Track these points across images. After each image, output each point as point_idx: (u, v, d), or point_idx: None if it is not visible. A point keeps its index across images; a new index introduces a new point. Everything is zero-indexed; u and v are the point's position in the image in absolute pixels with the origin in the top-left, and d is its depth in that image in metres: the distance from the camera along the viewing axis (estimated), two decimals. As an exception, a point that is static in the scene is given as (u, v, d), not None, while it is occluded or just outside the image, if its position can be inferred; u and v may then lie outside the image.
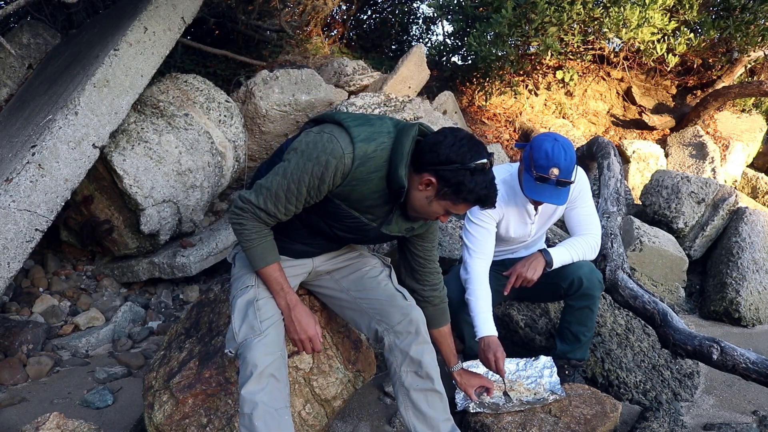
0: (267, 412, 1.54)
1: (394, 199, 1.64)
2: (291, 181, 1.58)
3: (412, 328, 1.77)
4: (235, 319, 1.65)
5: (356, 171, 1.56)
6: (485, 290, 2.17)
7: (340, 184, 1.58)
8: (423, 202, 1.60)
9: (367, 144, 1.56)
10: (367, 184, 1.60)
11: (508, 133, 6.30)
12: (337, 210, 1.66)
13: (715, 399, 2.57)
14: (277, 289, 1.69)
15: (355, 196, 1.62)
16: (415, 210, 1.64)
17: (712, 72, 6.90)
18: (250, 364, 1.57)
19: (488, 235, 2.23)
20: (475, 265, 2.20)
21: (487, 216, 2.21)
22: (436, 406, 1.77)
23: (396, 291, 1.84)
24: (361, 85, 4.97)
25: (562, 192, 2.06)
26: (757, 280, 3.63)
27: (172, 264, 3.25)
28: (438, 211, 1.61)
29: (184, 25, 3.44)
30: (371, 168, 1.57)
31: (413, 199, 1.62)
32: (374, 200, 1.64)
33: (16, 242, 2.51)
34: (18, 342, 2.76)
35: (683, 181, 4.20)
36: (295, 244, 1.82)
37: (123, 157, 3.19)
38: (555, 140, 2.03)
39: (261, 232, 1.67)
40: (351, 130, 1.56)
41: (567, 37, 5.64)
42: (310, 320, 1.70)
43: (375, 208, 1.67)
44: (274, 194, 1.61)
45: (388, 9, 7.76)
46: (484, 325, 2.13)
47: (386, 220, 1.71)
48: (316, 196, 1.61)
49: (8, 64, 3.90)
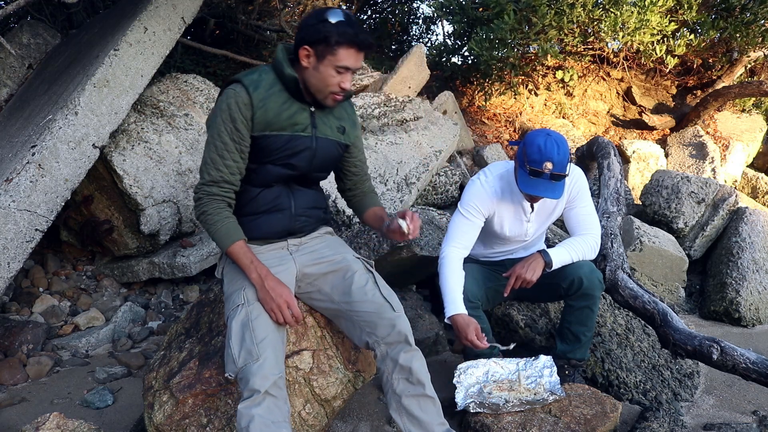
0: (264, 424, 1.55)
1: (301, 98, 1.82)
2: (214, 140, 1.78)
3: (401, 338, 1.80)
4: (234, 344, 1.68)
5: (254, 96, 1.76)
6: (457, 275, 2.18)
7: (252, 115, 1.76)
8: (314, 75, 1.77)
9: (251, 74, 1.80)
10: (272, 99, 1.78)
11: (508, 133, 6.30)
12: (269, 141, 1.81)
13: (715, 399, 2.57)
14: (247, 263, 1.78)
15: (271, 116, 1.79)
16: (315, 88, 1.79)
17: (712, 72, 6.90)
18: (250, 388, 1.60)
19: (471, 227, 2.24)
20: (450, 251, 2.22)
21: (476, 209, 2.23)
22: (429, 411, 1.78)
23: (384, 301, 1.84)
24: (361, 85, 4.96)
25: (556, 186, 2.07)
26: (757, 280, 3.63)
27: (172, 264, 3.25)
28: (331, 74, 1.75)
29: (184, 25, 3.44)
30: (266, 86, 1.78)
31: (308, 80, 1.78)
32: (289, 110, 1.81)
33: (16, 242, 2.51)
34: (18, 342, 2.76)
35: (683, 181, 4.20)
36: (268, 214, 1.90)
37: (123, 157, 3.20)
38: (547, 135, 2.06)
39: (221, 213, 1.80)
40: (237, 77, 1.81)
41: (567, 38, 5.64)
42: (284, 289, 1.75)
43: (295, 116, 1.82)
44: (209, 161, 1.79)
45: (388, 9, 7.76)
46: (454, 303, 2.13)
47: (314, 124, 1.86)
48: (241, 139, 1.78)
49: (8, 64, 3.90)
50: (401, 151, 3.88)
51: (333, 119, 1.93)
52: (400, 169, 3.71)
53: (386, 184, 3.57)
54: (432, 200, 3.96)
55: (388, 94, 4.38)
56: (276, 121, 1.80)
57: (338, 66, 1.74)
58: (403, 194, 3.58)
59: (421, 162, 3.82)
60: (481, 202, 2.23)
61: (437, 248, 2.86)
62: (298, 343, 1.93)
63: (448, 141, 4.15)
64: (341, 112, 1.98)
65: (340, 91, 1.80)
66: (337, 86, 1.78)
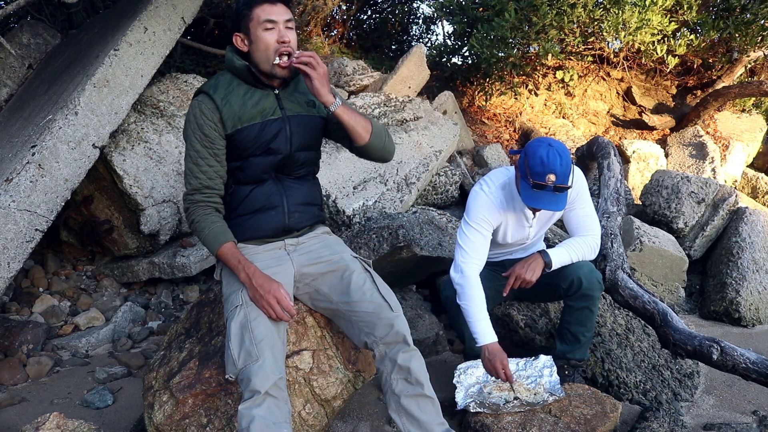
0: (265, 424, 1.55)
1: (261, 83, 1.86)
2: (188, 151, 1.84)
3: (399, 338, 1.80)
4: (233, 346, 1.68)
5: (215, 97, 1.82)
6: (479, 294, 2.15)
7: (219, 116, 1.81)
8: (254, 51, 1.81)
9: (209, 82, 1.88)
10: (233, 94, 1.83)
11: (508, 133, 6.30)
12: (244, 134, 1.83)
13: (715, 399, 2.57)
14: (235, 264, 1.79)
15: (237, 109, 1.83)
16: (262, 61, 1.81)
17: (712, 72, 6.90)
18: (251, 389, 1.60)
19: (483, 240, 2.20)
20: (467, 269, 2.17)
21: (485, 221, 2.19)
22: (428, 411, 1.78)
23: (382, 301, 1.84)
24: (361, 85, 4.96)
25: (560, 198, 2.05)
26: (757, 280, 3.63)
27: (172, 264, 3.25)
28: (261, 38, 1.78)
29: (184, 25, 3.44)
30: (224, 85, 1.85)
31: (253, 59, 1.83)
32: (252, 98, 1.85)
33: (16, 242, 2.51)
34: (18, 342, 2.76)
35: (683, 181, 4.20)
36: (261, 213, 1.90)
37: (123, 157, 3.20)
38: (549, 146, 2.00)
39: (209, 218, 1.83)
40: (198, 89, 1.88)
41: (567, 38, 5.64)
42: (272, 284, 1.75)
43: (260, 103, 1.86)
44: (188, 172, 1.84)
45: (388, 9, 7.75)
46: (483, 332, 2.12)
47: (281, 105, 1.88)
48: (212, 144, 1.83)
49: (8, 64, 3.90)
50: (401, 151, 3.88)
51: (299, 95, 1.93)
52: (400, 169, 3.71)
53: (386, 184, 3.57)
54: (432, 200, 3.96)
55: (388, 94, 4.38)
56: (243, 113, 1.83)
57: (262, 23, 1.77)
58: (403, 194, 3.58)
59: (421, 162, 3.82)
60: (490, 213, 2.19)
61: (437, 248, 2.86)
62: (298, 343, 1.93)
63: (448, 141, 4.15)
64: (305, 87, 1.91)
65: (282, 47, 1.79)
66: (275, 43, 1.78)
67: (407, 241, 2.72)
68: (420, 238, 2.80)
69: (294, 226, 1.96)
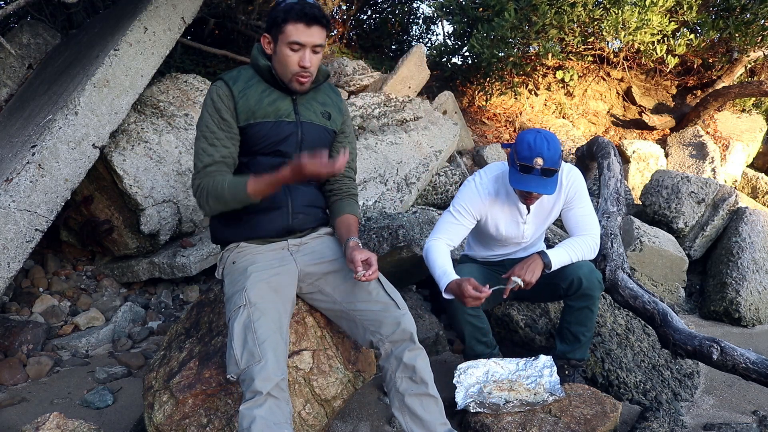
0: (266, 425, 1.55)
1: (280, 87, 1.87)
2: (203, 133, 1.83)
3: (406, 336, 1.80)
4: (236, 346, 1.67)
5: (234, 88, 1.83)
6: (444, 253, 2.20)
7: (234, 105, 1.83)
8: (276, 59, 1.83)
9: (231, 72, 1.90)
10: (252, 89, 1.85)
11: (508, 133, 6.30)
12: (255, 129, 1.84)
13: (715, 399, 2.57)
14: (270, 181, 1.73)
15: (252, 104, 1.84)
16: (280, 71, 1.83)
17: (712, 72, 6.91)
18: (252, 389, 1.60)
19: (458, 226, 2.26)
20: (432, 242, 2.24)
21: (466, 210, 2.25)
22: (432, 410, 1.78)
23: (388, 299, 1.85)
24: (361, 85, 4.97)
25: (548, 182, 2.07)
26: (757, 280, 3.63)
27: (172, 264, 3.25)
28: (286, 54, 1.79)
29: (184, 25, 3.44)
30: (245, 79, 1.86)
31: (274, 65, 1.84)
32: (269, 97, 1.86)
33: (16, 242, 2.51)
34: (18, 342, 2.76)
35: (683, 181, 4.20)
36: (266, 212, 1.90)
37: (123, 157, 3.20)
38: (537, 132, 2.08)
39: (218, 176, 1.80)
40: (218, 76, 1.90)
41: (567, 38, 5.65)
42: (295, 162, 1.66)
43: (276, 103, 1.87)
44: (200, 151, 1.83)
45: (388, 9, 7.75)
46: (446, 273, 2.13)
47: (297, 110, 1.90)
48: (229, 128, 1.83)
49: (8, 64, 3.90)
50: (401, 151, 3.88)
51: (316, 105, 1.95)
52: (400, 169, 3.71)
53: (386, 184, 3.57)
54: (432, 200, 3.96)
55: (388, 94, 4.38)
56: (258, 109, 1.84)
57: (290, 43, 1.77)
58: (403, 194, 3.58)
59: (421, 162, 3.82)
60: (472, 203, 2.25)
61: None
62: (298, 343, 1.93)
63: (448, 141, 4.15)
64: (325, 98, 1.99)
65: (301, 70, 1.81)
66: (296, 65, 1.80)
67: (407, 241, 2.72)
68: (420, 238, 2.80)
69: (297, 227, 1.97)
